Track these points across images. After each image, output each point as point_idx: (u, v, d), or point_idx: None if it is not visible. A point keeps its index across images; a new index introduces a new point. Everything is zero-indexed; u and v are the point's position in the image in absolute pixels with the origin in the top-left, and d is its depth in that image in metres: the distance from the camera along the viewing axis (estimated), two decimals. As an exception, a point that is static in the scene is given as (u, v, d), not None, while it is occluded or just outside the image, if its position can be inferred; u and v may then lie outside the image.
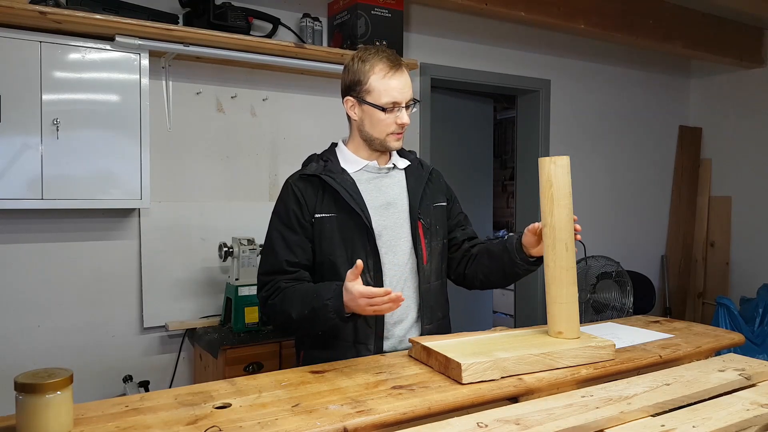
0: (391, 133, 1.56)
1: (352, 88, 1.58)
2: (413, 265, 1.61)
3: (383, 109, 1.54)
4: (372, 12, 2.80)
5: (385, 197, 1.61)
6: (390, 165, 1.65)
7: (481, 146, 4.44)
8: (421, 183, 1.66)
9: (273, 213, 1.60)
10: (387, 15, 2.85)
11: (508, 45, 3.68)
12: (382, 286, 1.51)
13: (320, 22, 2.91)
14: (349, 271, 1.34)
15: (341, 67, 2.74)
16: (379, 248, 1.55)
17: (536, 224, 1.51)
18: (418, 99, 1.63)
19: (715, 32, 3.88)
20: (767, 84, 4.24)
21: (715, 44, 3.88)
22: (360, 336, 1.53)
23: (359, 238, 1.53)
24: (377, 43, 2.81)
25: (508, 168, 6.31)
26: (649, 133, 4.48)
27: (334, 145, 1.70)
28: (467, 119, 4.30)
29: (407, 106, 1.57)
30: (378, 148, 1.60)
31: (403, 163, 1.68)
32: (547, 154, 3.86)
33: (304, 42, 2.80)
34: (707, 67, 4.44)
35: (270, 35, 2.73)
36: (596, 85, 4.17)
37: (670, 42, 3.66)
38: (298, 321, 1.42)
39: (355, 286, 1.31)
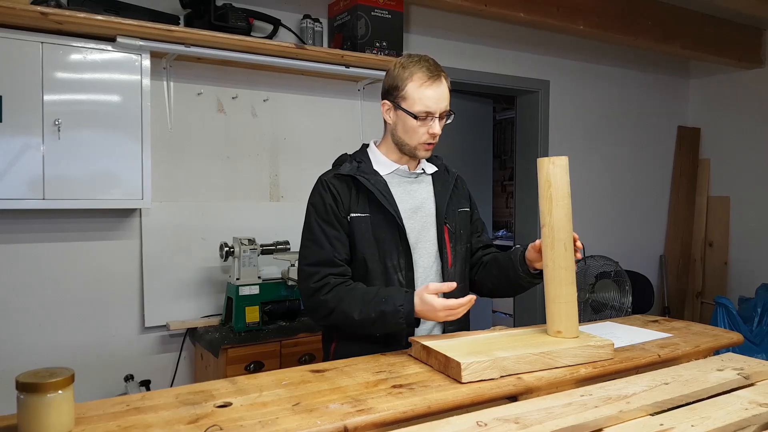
0: (422, 143, 1.58)
1: (390, 92, 1.60)
2: (438, 268, 1.65)
3: (415, 117, 1.55)
4: (372, 13, 2.81)
5: (414, 201, 1.64)
6: (419, 170, 1.69)
7: (481, 146, 4.44)
8: (448, 188, 1.70)
9: (310, 206, 1.61)
10: (387, 16, 2.86)
11: (508, 46, 3.69)
12: (413, 286, 1.59)
13: (320, 23, 2.92)
14: (433, 286, 1.43)
15: (341, 68, 2.80)
16: (411, 249, 1.59)
17: (539, 241, 1.53)
18: (453, 111, 1.63)
19: (715, 32, 3.88)
20: (766, 84, 4.24)
21: (714, 44, 3.88)
22: (395, 333, 1.56)
23: (391, 238, 1.57)
24: (377, 44, 2.82)
25: (508, 168, 6.32)
26: (649, 133, 4.49)
27: (366, 146, 1.72)
28: (467, 119, 4.30)
29: (441, 117, 1.58)
30: (407, 154, 1.63)
31: (431, 168, 1.72)
32: (546, 155, 3.87)
33: (304, 43, 2.81)
34: (706, 67, 4.44)
35: (270, 36, 2.74)
36: (596, 85, 4.17)
37: (670, 42, 3.66)
38: (360, 321, 1.47)
39: (437, 299, 1.42)
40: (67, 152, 2.20)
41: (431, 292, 1.43)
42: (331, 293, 1.50)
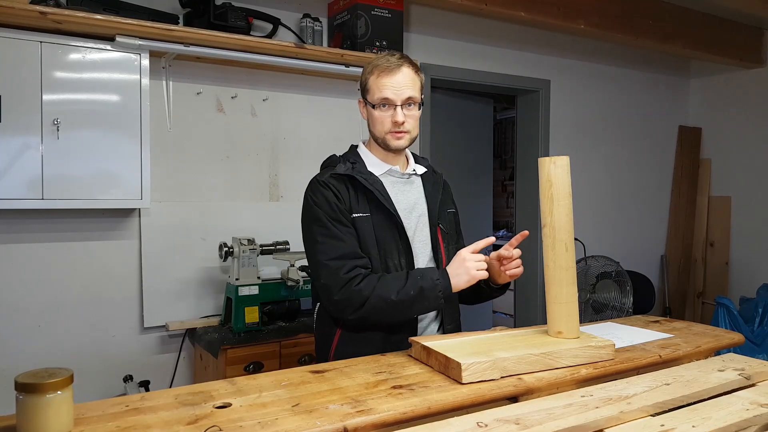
0: (389, 132, 1.58)
1: (361, 90, 1.64)
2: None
3: (373, 106, 1.58)
4: (372, 12, 2.81)
5: (408, 202, 1.65)
6: (411, 170, 1.69)
7: (481, 146, 4.44)
8: (438, 189, 1.72)
9: (314, 207, 1.56)
10: (387, 15, 2.85)
11: (508, 45, 3.69)
12: None
13: (320, 22, 2.91)
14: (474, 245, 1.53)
15: (341, 68, 2.79)
16: (412, 247, 1.60)
17: (502, 252, 1.58)
18: (421, 101, 1.63)
19: (715, 32, 3.88)
20: (767, 84, 4.24)
21: (715, 44, 3.88)
22: (395, 332, 1.56)
23: (392, 237, 1.58)
24: (377, 44, 2.81)
25: (508, 168, 6.31)
26: (649, 133, 4.48)
27: (354, 146, 1.72)
28: (467, 119, 4.30)
29: (405, 106, 1.57)
30: (383, 147, 1.63)
31: (421, 169, 1.73)
32: (546, 154, 3.87)
33: (304, 42, 2.80)
34: (707, 67, 4.44)
35: (270, 35, 2.74)
36: (596, 85, 4.17)
37: (670, 42, 3.66)
38: (398, 302, 1.47)
39: (463, 251, 1.52)
40: (65, 152, 2.20)
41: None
42: (363, 282, 1.49)
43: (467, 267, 1.49)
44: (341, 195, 1.56)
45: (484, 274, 1.50)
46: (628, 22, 3.46)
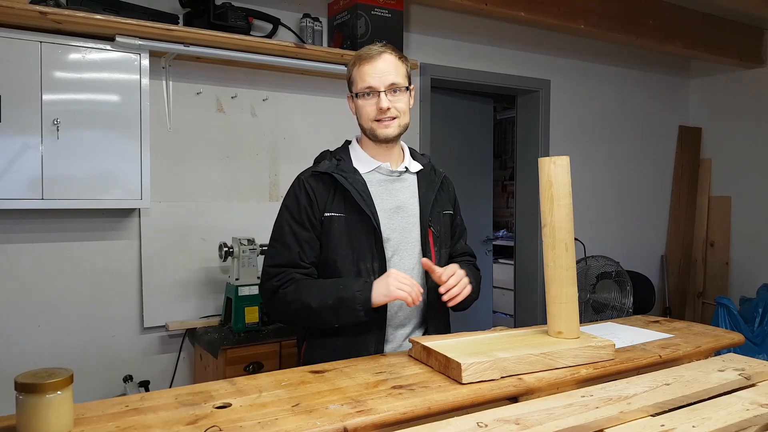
0: (375, 120, 1.55)
1: (348, 85, 1.63)
2: (421, 271, 1.60)
3: (357, 95, 1.56)
4: (372, 12, 2.81)
5: (396, 201, 1.59)
6: (402, 168, 1.63)
7: (481, 146, 4.44)
8: (433, 189, 1.65)
9: (283, 206, 1.59)
10: (387, 15, 2.85)
11: (508, 45, 3.69)
12: None
13: (320, 22, 2.91)
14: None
15: (341, 68, 2.80)
16: (385, 251, 1.55)
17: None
18: (408, 85, 1.58)
19: (715, 32, 3.88)
20: (767, 84, 4.24)
21: (715, 44, 3.88)
22: (361, 337, 1.53)
23: (366, 239, 1.53)
24: (377, 43, 2.81)
25: (508, 168, 6.31)
26: (649, 133, 4.48)
27: (348, 142, 1.69)
28: (467, 119, 4.30)
29: (390, 92, 1.53)
30: (372, 139, 1.59)
31: (416, 166, 1.66)
32: (546, 154, 3.86)
33: (304, 42, 2.80)
34: (707, 67, 4.44)
35: (270, 35, 2.74)
36: (596, 85, 4.17)
37: (670, 42, 3.66)
38: (318, 310, 1.45)
39: (395, 270, 1.46)
40: (65, 152, 2.20)
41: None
42: (291, 287, 1.48)
43: (388, 283, 1.43)
44: (316, 194, 1.54)
45: (403, 294, 1.41)
46: (628, 22, 3.46)
